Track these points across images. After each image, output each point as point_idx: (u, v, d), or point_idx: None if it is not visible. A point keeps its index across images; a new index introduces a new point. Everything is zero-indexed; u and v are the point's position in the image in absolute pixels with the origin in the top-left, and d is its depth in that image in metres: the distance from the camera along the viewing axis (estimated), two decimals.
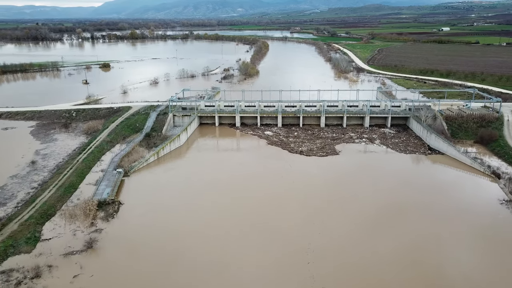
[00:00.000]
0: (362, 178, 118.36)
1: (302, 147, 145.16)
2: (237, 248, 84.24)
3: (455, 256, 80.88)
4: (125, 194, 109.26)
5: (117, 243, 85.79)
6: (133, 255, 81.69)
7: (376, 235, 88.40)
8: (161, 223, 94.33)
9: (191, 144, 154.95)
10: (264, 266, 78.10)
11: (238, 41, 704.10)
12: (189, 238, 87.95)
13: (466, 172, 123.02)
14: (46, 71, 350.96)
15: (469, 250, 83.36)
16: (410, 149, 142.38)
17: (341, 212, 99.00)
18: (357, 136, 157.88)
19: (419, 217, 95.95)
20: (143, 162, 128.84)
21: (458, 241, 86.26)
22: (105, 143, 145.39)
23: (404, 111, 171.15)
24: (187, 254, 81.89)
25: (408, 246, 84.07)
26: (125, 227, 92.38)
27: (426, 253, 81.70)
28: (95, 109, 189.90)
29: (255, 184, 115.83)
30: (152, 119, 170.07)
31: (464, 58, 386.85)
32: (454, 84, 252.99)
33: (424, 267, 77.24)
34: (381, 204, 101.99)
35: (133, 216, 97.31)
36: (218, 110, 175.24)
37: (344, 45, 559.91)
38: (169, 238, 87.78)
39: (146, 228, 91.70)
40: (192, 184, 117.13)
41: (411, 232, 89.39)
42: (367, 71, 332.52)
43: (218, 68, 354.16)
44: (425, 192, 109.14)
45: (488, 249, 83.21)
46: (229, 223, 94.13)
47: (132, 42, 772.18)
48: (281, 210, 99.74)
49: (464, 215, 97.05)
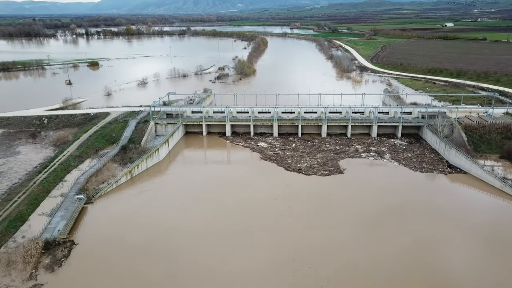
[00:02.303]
0: (371, 207, 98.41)
1: (301, 163, 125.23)
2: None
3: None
4: (83, 229, 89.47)
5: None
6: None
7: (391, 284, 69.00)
8: (126, 271, 74.50)
9: (173, 158, 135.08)
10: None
11: (236, 38, 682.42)
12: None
13: (496, 197, 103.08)
14: (30, 70, 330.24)
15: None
16: (426, 166, 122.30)
17: (346, 259, 79.30)
18: (364, 148, 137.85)
19: (446, 262, 76.29)
20: (112, 183, 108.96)
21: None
22: (73, 158, 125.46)
23: (416, 119, 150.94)
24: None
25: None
26: (74, 281, 72.59)
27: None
28: (69, 115, 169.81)
29: (246, 213, 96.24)
30: (131, 128, 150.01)
31: (473, 55, 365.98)
32: (466, 85, 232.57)
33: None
34: (396, 246, 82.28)
35: (87, 263, 77.40)
36: (206, 118, 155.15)
37: (346, 41, 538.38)
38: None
39: (103, 281, 72.01)
40: (170, 211, 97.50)
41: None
42: (371, 70, 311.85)
43: (213, 67, 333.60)
44: (449, 225, 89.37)
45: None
46: (216, 266, 74.55)
47: (128, 38, 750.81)
48: (274, 249, 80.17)
49: (501, 257, 77.41)
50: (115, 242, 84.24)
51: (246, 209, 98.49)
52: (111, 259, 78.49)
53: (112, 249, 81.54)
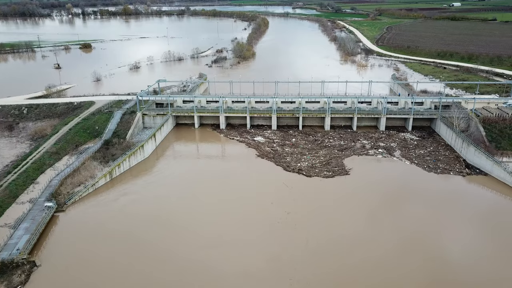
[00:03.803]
0: (380, 218, 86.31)
1: (302, 161, 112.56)
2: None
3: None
4: (49, 245, 77.58)
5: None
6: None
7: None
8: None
9: (161, 154, 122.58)
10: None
11: (237, 18, 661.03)
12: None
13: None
14: (20, 52, 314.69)
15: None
16: (442, 165, 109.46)
17: (353, 281, 67.55)
18: (371, 144, 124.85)
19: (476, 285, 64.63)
20: (89, 187, 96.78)
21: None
22: (48, 156, 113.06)
23: (429, 111, 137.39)
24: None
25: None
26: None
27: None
28: (51, 104, 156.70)
29: (238, 218, 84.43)
30: (116, 119, 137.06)
31: (483, 37, 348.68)
32: (479, 70, 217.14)
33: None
34: (411, 269, 70.42)
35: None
36: (198, 108, 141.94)
37: (350, 22, 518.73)
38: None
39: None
40: (154, 219, 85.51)
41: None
42: (377, 53, 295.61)
43: (211, 49, 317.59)
44: (473, 240, 77.39)
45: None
46: (203, 281, 63.21)
47: (125, 18, 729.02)
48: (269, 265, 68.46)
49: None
50: (86, 261, 72.53)
51: (238, 214, 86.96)
52: (81, 285, 66.83)
53: (82, 271, 69.80)
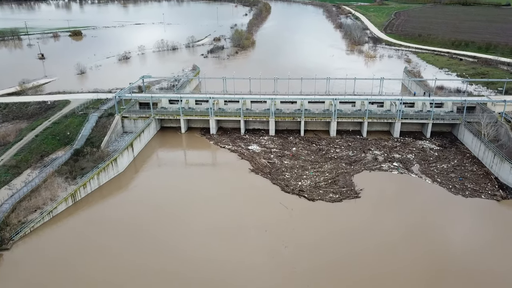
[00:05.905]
0: (396, 259, 69.31)
1: (303, 178, 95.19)
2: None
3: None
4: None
5: None
6: None
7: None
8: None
9: (139, 167, 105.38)
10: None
11: (238, 3, 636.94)
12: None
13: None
14: (5, 40, 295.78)
15: None
16: (470, 185, 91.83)
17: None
18: (385, 156, 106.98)
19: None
20: (45, 215, 79.96)
21: None
22: (5, 170, 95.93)
23: (450, 115, 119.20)
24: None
25: None
26: None
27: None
28: (22, 103, 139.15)
29: (226, 250, 67.56)
30: (91, 123, 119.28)
31: (499, 25, 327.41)
32: (499, 62, 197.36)
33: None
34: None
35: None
36: (185, 110, 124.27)
37: (356, 7, 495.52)
38: None
39: None
40: (125, 255, 68.98)
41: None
42: (386, 42, 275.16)
43: (208, 38, 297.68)
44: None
45: None
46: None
47: (124, 3, 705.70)
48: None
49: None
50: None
51: (227, 244, 70.44)
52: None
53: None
